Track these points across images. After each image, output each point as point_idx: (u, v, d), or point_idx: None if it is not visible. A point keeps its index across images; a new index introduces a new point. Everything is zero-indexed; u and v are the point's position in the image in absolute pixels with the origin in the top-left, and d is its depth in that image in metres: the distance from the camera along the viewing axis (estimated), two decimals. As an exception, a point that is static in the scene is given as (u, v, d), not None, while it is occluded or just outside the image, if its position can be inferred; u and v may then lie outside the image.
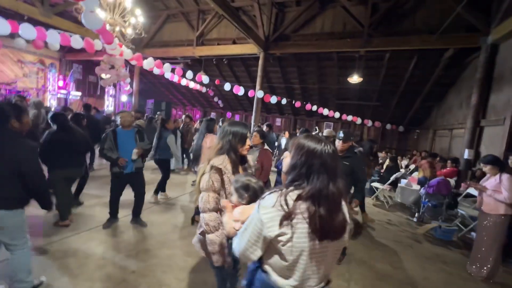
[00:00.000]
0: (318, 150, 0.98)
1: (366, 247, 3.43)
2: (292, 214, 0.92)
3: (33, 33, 4.78)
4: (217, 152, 1.60)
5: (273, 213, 0.94)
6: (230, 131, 1.63)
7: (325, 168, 0.97)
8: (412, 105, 9.68)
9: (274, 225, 0.93)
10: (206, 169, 1.55)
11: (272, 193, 1.00)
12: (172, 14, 9.90)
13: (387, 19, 6.79)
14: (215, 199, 1.51)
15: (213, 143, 3.98)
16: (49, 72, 11.90)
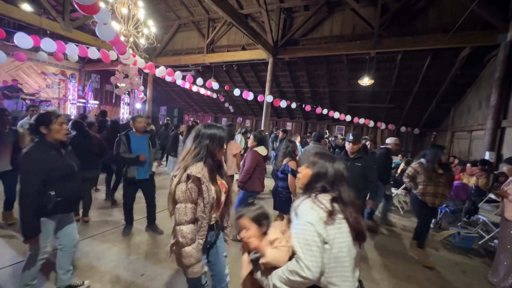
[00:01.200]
0: (334, 166, 1.20)
1: (379, 254, 3.31)
2: (334, 212, 1.06)
3: (53, 46, 5.08)
4: (193, 159, 1.44)
5: (315, 215, 1.06)
6: (206, 134, 1.48)
7: (343, 179, 1.18)
8: (428, 106, 9.34)
9: (321, 224, 1.04)
10: (182, 178, 1.39)
11: (303, 200, 1.14)
12: (183, 23, 10.21)
13: (398, 19, 6.65)
14: (192, 210, 1.40)
15: (234, 148, 4.00)
16: (70, 82, 12.55)
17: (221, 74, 11.34)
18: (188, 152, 1.47)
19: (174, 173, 1.46)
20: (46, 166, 1.73)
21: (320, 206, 1.07)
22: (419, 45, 6.24)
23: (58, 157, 1.83)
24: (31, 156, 1.70)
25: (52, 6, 7.50)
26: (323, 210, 1.07)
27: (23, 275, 1.84)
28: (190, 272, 1.43)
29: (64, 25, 7.16)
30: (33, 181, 1.69)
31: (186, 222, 1.39)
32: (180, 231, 1.38)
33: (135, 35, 6.34)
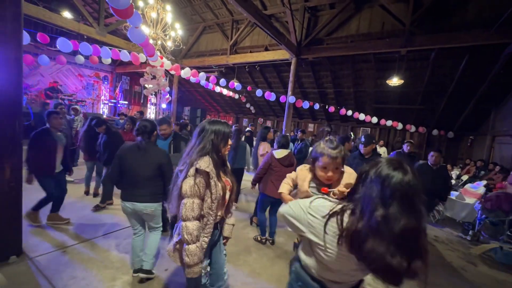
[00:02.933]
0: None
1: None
2: (343, 233, 0.89)
3: (90, 50, 5.45)
4: (198, 153, 1.43)
5: (319, 223, 0.98)
6: (211, 130, 1.48)
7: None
8: (464, 108, 8.64)
9: (316, 232, 0.98)
10: (189, 172, 1.38)
11: (325, 200, 1.05)
12: (208, 25, 10.45)
13: (432, 15, 6.22)
14: (199, 206, 1.38)
15: (261, 149, 3.99)
16: (102, 84, 13.42)
17: (244, 75, 11.42)
18: (193, 147, 1.47)
19: (180, 168, 1.46)
20: None
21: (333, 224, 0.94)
22: (455, 42, 5.77)
23: None
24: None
25: (89, 13, 8.06)
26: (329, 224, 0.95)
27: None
28: (191, 272, 1.39)
29: (99, 30, 7.65)
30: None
31: (192, 218, 1.35)
32: (186, 227, 1.35)
33: (163, 38, 6.61)
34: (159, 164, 2.16)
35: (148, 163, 2.14)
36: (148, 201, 2.14)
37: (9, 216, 2.34)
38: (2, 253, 2.29)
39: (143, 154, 2.14)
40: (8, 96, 2.27)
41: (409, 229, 0.76)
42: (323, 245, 0.96)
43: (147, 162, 2.14)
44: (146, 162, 2.13)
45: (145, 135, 2.18)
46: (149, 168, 2.14)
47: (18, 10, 2.27)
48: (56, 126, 3.01)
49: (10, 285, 2.03)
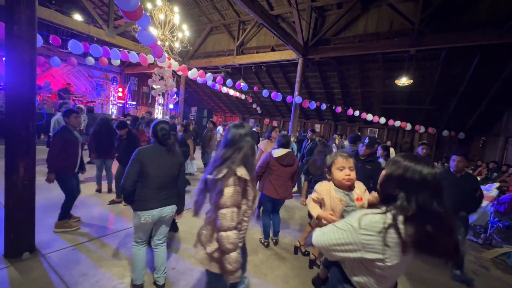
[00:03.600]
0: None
1: (418, 269, 3.05)
2: (406, 243, 0.91)
3: (100, 51, 5.56)
4: (239, 162, 1.40)
5: (376, 240, 0.95)
6: (246, 139, 1.45)
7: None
8: (476, 108, 8.43)
9: (375, 249, 0.95)
10: (229, 181, 1.34)
11: (374, 214, 0.99)
12: (215, 26, 10.52)
13: (442, 14, 6.10)
14: (237, 215, 1.37)
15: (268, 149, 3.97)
16: (111, 84, 13.66)
17: (250, 75, 11.45)
18: (229, 155, 1.43)
19: (218, 176, 1.38)
20: None
21: (390, 236, 0.95)
22: (466, 41, 5.64)
23: None
24: None
25: (99, 15, 8.23)
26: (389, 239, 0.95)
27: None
28: (234, 278, 1.41)
29: (109, 32, 7.81)
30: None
31: (233, 228, 1.35)
32: (227, 237, 1.34)
33: (170, 39, 6.69)
34: (181, 163, 2.16)
35: (174, 163, 2.10)
36: (174, 203, 2.12)
37: (23, 214, 2.41)
38: (16, 250, 2.36)
39: (170, 155, 2.08)
40: (22, 97, 2.34)
41: (450, 210, 0.91)
42: (382, 258, 0.95)
43: (173, 162, 2.10)
44: (172, 162, 2.09)
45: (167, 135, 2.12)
46: (174, 168, 2.11)
47: (32, 14, 2.34)
48: (75, 125, 3.06)
49: (23, 280, 2.09)
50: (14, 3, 2.24)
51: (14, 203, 2.37)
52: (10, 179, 2.34)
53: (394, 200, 0.98)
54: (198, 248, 1.51)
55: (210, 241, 1.44)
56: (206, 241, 1.46)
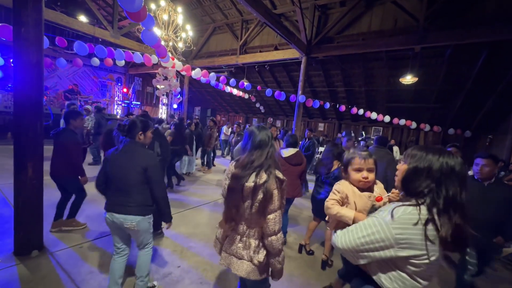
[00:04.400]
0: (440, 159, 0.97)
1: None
2: (439, 230, 0.87)
3: (105, 52, 5.61)
4: (273, 165, 1.38)
5: (411, 233, 0.88)
6: (270, 136, 1.43)
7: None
8: (482, 106, 8.30)
9: (413, 244, 0.88)
10: (273, 186, 1.31)
11: (407, 206, 0.93)
12: (218, 26, 10.54)
13: (447, 10, 6.02)
14: (281, 216, 1.37)
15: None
16: (116, 85, 13.80)
17: (253, 74, 11.45)
18: (263, 158, 1.38)
19: (260, 181, 1.31)
20: None
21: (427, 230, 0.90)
22: (473, 38, 5.55)
23: None
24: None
25: (103, 17, 8.31)
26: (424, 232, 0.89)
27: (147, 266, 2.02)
28: (280, 275, 1.46)
29: (113, 33, 7.88)
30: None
31: (279, 231, 1.34)
32: (277, 240, 1.34)
33: (174, 39, 6.73)
34: (144, 168, 1.82)
35: (132, 166, 1.81)
36: (131, 213, 1.81)
37: (32, 212, 2.46)
38: (25, 248, 2.42)
39: (127, 156, 1.83)
40: (30, 99, 2.38)
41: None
42: (420, 254, 0.88)
43: (131, 165, 1.81)
44: (129, 165, 1.81)
45: (128, 134, 1.89)
46: (132, 172, 1.80)
47: (39, 16, 2.38)
48: (79, 127, 3.08)
49: (33, 278, 2.13)
50: (22, 7, 2.28)
51: (23, 202, 2.42)
52: (19, 178, 2.40)
53: (422, 194, 0.93)
54: (237, 263, 1.41)
55: (259, 251, 1.39)
56: (252, 252, 1.38)
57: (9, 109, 8.10)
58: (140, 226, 1.84)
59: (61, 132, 2.86)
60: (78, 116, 2.99)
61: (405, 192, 1.02)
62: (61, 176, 2.88)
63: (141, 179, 1.82)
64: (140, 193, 1.84)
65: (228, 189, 1.43)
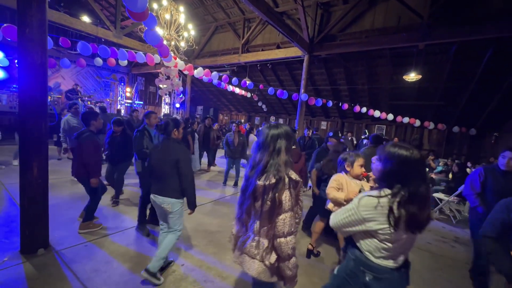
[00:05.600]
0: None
1: (427, 267, 3.01)
2: (394, 215, 1.16)
3: (108, 52, 5.65)
4: (287, 166, 1.35)
5: (374, 213, 1.21)
6: (276, 135, 1.38)
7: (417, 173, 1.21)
8: (488, 104, 8.20)
9: (375, 222, 1.21)
10: (285, 185, 1.30)
11: (370, 196, 1.23)
12: (220, 25, 10.54)
13: (452, 6, 5.95)
14: (293, 218, 1.33)
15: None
16: (119, 85, 13.88)
17: (256, 73, 11.43)
18: (271, 159, 1.35)
19: (271, 181, 1.29)
20: None
21: (382, 208, 1.20)
22: (478, 35, 5.48)
23: None
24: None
25: (106, 17, 8.35)
26: (382, 211, 1.20)
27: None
28: (294, 283, 1.39)
29: (116, 33, 7.92)
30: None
31: (292, 233, 1.31)
32: (286, 243, 1.29)
33: (176, 39, 6.74)
34: (176, 160, 2.16)
35: (167, 158, 2.17)
36: (166, 196, 2.20)
37: (37, 211, 2.49)
38: (31, 246, 2.45)
39: (163, 150, 2.21)
40: (35, 99, 2.41)
41: (426, 190, 1.18)
42: (386, 226, 1.18)
43: (166, 157, 2.18)
44: (165, 157, 2.18)
45: (165, 132, 2.25)
46: (167, 163, 2.17)
47: (43, 17, 2.40)
48: (98, 127, 3.16)
49: (39, 275, 2.16)
50: (26, 7, 2.30)
51: (29, 201, 2.45)
52: (25, 178, 2.42)
53: (390, 187, 1.21)
54: (249, 262, 1.39)
55: (270, 252, 1.36)
56: (264, 253, 1.35)
57: (15, 110, 8.19)
58: (173, 208, 2.23)
59: (84, 133, 2.93)
60: (98, 116, 3.08)
61: (379, 185, 1.31)
62: (84, 176, 2.94)
63: (174, 170, 2.18)
64: (174, 181, 2.20)
65: (240, 189, 1.48)
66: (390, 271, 1.26)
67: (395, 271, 1.26)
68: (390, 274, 1.26)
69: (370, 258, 1.28)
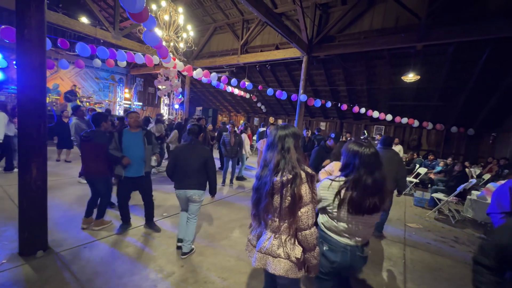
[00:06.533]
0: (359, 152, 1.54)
1: (427, 267, 3.02)
2: (339, 195, 1.50)
3: (107, 53, 5.64)
4: (301, 161, 1.41)
5: (325, 193, 1.56)
6: (283, 135, 1.43)
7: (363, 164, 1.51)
8: (485, 104, 8.24)
9: (325, 200, 1.56)
10: (302, 179, 1.34)
11: (327, 179, 1.60)
12: (219, 26, 10.54)
13: (449, 7, 5.98)
14: (314, 211, 1.39)
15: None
16: (118, 86, 13.84)
17: (254, 74, 11.44)
18: (280, 157, 1.39)
19: (289, 176, 1.33)
20: None
21: (333, 190, 1.55)
22: (475, 35, 5.50)
23: None
24: None
25: (105, 18, 8.33)
26: (332, 192, 1.55)
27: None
28: (316, 270, 1.46)
29: (115, 34, 7.91)
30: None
31: (313, 224, 1.36)
32: (311, 234, 1.34)
33: (175, 40, 6.74)
34: (205, 159, 2.66)
35: (196, 157, 2.63)
36: (194, 189, 2.64)
37: (36, 213, 2.48)
38: (30, 248, 2.43)
39: (192, 151, 2.65)
40: (34, 100, 2.40)
41: (373, 181, 1.48)
42: (335, 206, 1.52)
43: (195, 156, 2.63)
44: (193, 156, 2.63)
45: (193, 136, 2.72)
46: (196, 161, 2.62)
47: (42, 18, 2.39)
48: (107, 129, 3.23)
49: (39, 278, 2.15)
50: (25, 8, 2.30)
51: (28, 203, 2.44)
52: (24, 179, 2.41)
53: (346, 175, 1.55)
54: (274, 262, 1.38)
55: (294, 247, 1.39)
56: (288, 249, 1.38)
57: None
58: (201, 198, 2.72)
59: (94, 133, 3.02)
60: (107, 118, 3.20)
61: (340, 174, 1.61)
62: (94, 175, 3.03)
63: (202, 166, 2.65)
64: (202, 176, 2.68)
65: (252, 189, 1.49)
66: (345, 246, 1.54)
67: (349, 248, 1.53)
68: (344, 249, 1.54)
69: (325, 231, 1.60)
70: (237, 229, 3.50)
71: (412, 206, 5.63)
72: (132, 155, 2.91)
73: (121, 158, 2.85)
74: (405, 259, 3.15)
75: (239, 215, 4.01)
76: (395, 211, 4.94)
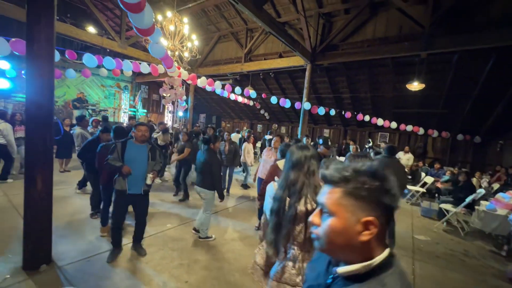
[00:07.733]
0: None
1: (437, 282, 2.92)
2: None
3: (113, 64, 5.73)
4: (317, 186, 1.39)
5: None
6: (309, 156, 1.43)
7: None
8: (492, 111, 8.15)
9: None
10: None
11: (274, 182, 1.64)
12: (223, 35, 10.68)
13: (453, 16, 5.98)
14: None
15: (270, 157, 4.10)
16: (123, 93, 14.02)
17: (258, 82, 11.50)
18: (314, 179, 1.38)
19: (309, 205, 1.31)
20: None
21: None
22: (480, 44, 5.46)
23: None
24: None
25: (111, 27, 8.50)
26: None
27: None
28: None
29: (121, 43, 8.05)
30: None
31: None
32: None
33: (180, 49, 6.82)
34: (210, 163, 3.21)
35: (206, 162, 3.23)
36: (204, 187, 3.26)
37: (41, 226, 2.47)
38: (34, 262, 2.42)
39: (205, 156, 3.28)
40: (42, 113, 2.42)
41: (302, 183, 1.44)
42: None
43: (206, 161, 3.24)
44: (205, 161, 3.25)
45: (207, 144, 3.34)
46: (206, 165, 3.23)
47: (51, 31, 2.43)
48: (107, 141, 3.56)
49: (41, 293, 2.12)
50: (35, 23, 2.34)
51: (32, 215, 2.43)
52: (29, 191, 2.42)
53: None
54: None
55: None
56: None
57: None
58: (207, 196, 3.29)
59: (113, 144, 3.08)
60: (106, 131, 3.62)
61: None
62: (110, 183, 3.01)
63: (208, 170, 3.21)
64: (207, 177, 3.23)
65: (271, 212, 1.39)
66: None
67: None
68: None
69: None
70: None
71: (419, 216, 5.52)
72: (134, 169, 2.64)
73: (121, 167, 2.60)
74: (414, 275, 3.07)
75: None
76: (403, 222, 4.84)
